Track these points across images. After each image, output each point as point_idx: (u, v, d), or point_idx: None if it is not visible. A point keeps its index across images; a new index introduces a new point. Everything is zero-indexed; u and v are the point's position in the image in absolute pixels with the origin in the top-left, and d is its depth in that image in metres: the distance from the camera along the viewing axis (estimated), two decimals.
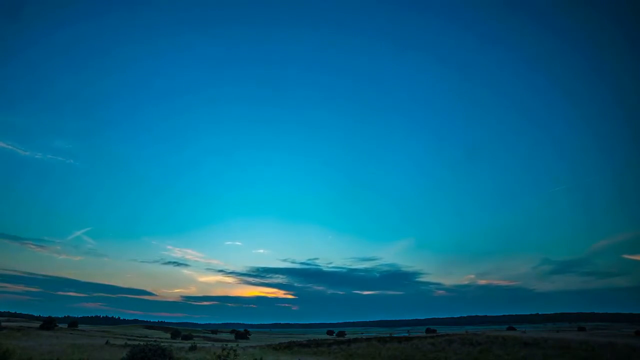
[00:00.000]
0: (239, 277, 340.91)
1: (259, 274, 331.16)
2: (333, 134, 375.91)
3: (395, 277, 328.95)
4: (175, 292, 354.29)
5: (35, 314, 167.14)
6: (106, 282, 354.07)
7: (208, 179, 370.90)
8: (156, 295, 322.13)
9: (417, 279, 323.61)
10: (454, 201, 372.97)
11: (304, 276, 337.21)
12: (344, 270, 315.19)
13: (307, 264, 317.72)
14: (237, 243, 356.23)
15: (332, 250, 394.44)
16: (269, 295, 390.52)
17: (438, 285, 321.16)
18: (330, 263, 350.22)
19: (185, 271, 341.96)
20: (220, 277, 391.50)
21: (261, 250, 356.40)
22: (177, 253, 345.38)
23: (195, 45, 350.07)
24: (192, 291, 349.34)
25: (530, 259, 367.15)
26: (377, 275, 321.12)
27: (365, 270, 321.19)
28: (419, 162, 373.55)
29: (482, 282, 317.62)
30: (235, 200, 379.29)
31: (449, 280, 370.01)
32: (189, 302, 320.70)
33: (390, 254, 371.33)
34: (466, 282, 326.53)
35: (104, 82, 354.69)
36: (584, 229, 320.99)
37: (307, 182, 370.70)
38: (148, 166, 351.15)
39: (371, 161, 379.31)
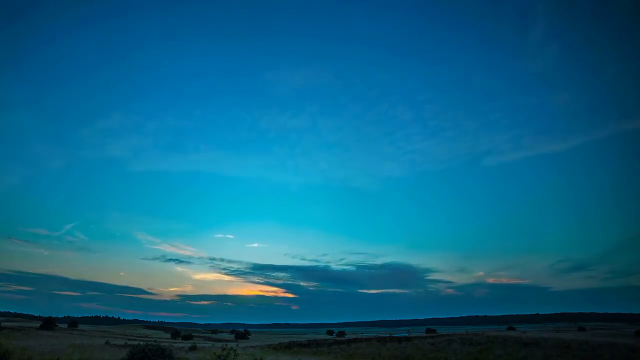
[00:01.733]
0: (237, 276, 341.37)
1: (259, 273, 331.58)
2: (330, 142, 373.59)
3: (404, 275, 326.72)
4: (171, 290, 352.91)
5: (35, 314, 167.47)
6: (100, 280, 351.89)
7: (209, 181, 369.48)
8: (153, 294, 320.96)
9: (426, 277, 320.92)
10: (466, 198, 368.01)
11: (305, 275, 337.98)
12: (346, 269, 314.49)
13: (309, 262, 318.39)
14: (230, 236, 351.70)
15: (334, 251, 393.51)
16: (268, 295, 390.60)
17: (449, 284, 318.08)
18: (333, 262, 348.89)
19: (179, 268, 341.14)
20: (218, 275, 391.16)
21: (255, 245, 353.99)
22: (171, 249, 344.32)
23: (202, 55, 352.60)
24: (189, 289, 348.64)
25: (548, 256, 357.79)
26: (387, 271, 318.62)
27: (372, 267, 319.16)
28: (422, 161, 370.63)
29: (491, 280, 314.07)
30: (235, 200, 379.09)
31: (459, 279, 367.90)
32: (186, 302, 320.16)
33: (397, 252, 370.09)
34: (473, 281, 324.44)
35: (113, 87, 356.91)
36: (606, 225, 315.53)
37: (306, 187, 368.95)
38: (147, 165, 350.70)
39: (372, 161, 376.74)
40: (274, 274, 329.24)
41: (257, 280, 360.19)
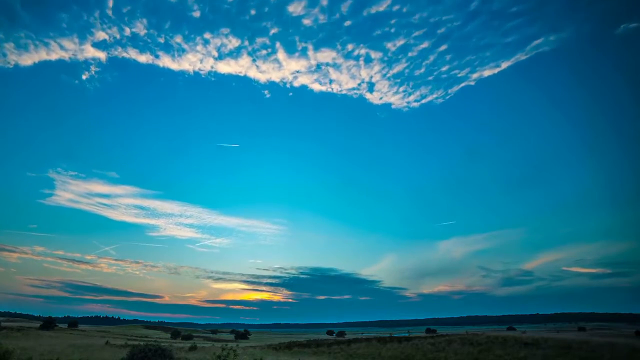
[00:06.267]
0: (239, 280, 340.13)
1: (259, 275, 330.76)
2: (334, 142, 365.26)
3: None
4: (182, 295, 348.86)
5: (35, 314, 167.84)
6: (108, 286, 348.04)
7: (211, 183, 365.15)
8: (163, 297, 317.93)
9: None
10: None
11: (307, 275, 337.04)
12: (350, 274, 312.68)
13: (311, 267, 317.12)
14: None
15: (339, 255, 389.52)
16: (269, 295, 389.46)
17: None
18: (337, 266, 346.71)
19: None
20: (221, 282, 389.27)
21: (262, 249, 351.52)
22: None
23: None
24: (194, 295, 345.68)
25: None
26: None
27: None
28: (422, 163, 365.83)
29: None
30: (235, 200, 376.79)
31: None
32: (190, 304, 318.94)
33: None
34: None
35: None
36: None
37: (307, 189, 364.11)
38: (148, 166, 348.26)
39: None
40: (276, 273, 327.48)
41: (258, 282, 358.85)
